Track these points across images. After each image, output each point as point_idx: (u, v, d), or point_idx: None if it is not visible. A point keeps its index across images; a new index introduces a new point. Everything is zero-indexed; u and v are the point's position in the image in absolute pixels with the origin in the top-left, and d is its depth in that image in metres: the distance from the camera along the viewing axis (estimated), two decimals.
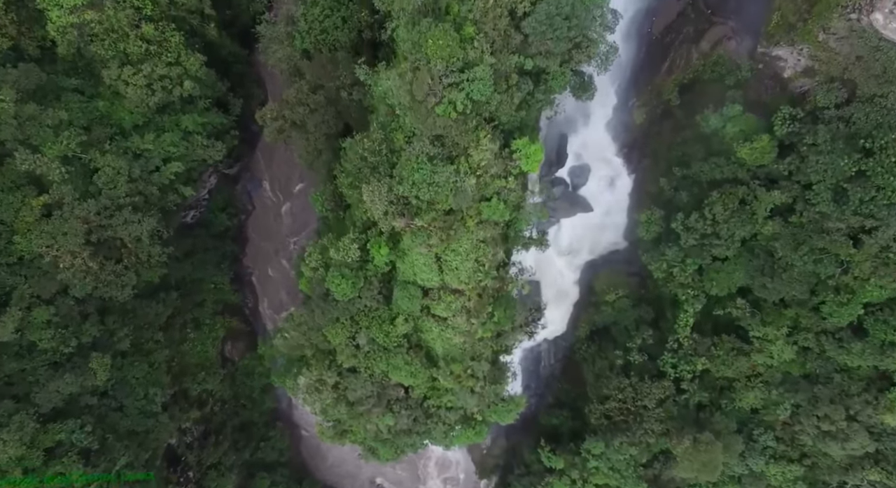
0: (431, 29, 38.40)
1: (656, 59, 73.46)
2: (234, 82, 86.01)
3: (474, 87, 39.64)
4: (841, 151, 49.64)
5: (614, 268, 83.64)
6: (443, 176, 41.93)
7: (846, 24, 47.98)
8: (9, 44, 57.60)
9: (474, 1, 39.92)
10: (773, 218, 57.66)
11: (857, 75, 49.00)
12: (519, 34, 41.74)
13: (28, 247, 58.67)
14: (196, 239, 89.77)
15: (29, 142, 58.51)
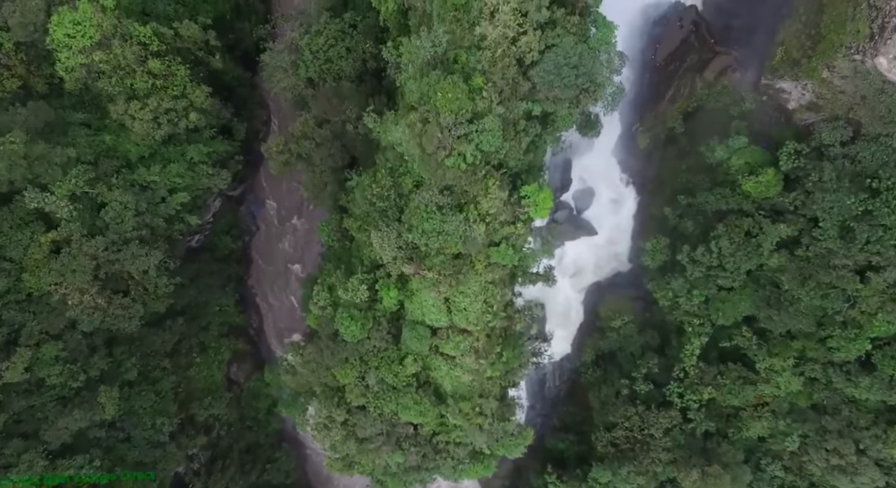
0: (440, 81, 38.61)
1: (660, 86, 73.67)
2: (237, 105, 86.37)
3: (484, 139, 39.85)
4: (847, 190, 49.81)
5: (619, 291, 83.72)
6: (452, 225, 42.12)
7: (850, 64, 48.17)
8: (18, 84, 57.92)
9: (482, 51, 40.14)
10: (779, 250, 57.77)
11: (862, 115, 49.18)
12: (527, 82, 41.95)
13: (37, 285, 58.88)
14: (201, 263, 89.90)
15: (37, 181, 58.71)
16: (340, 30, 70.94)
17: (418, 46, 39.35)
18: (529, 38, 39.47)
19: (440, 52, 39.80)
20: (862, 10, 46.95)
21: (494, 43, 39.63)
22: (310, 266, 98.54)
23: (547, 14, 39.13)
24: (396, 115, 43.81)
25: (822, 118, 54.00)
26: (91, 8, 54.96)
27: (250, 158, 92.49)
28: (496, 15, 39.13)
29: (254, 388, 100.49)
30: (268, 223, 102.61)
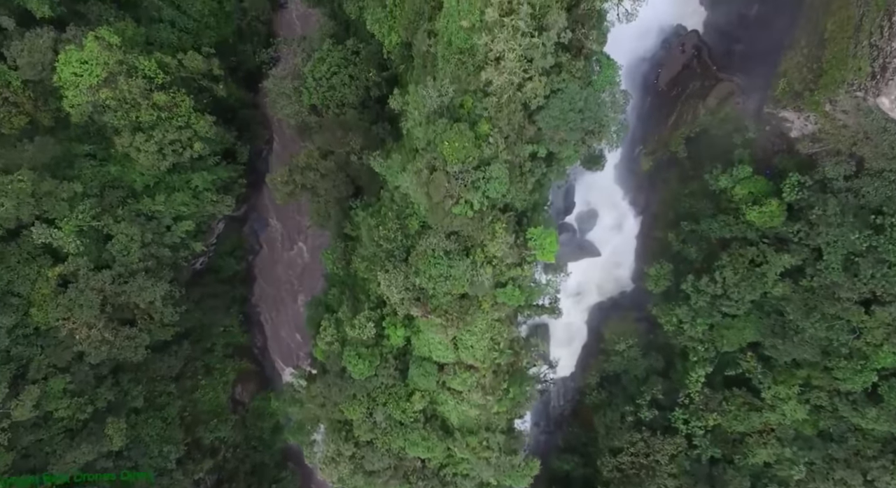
0: (447, 130, 38.86)
1: (663, 111, 73.93)
2: (240, 126, 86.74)
3: (491, 186, 40.09)
4: (851, 225, 49.98)
5: (622, 313, 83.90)
6: (459, 270, 42.37)
7: (853, 100, 48.35)
8: (26, 121, 58.15)
9: (488, 97, 40.39)
10: (784, 279, 57.91)
11: (866, 152, 49.37)
12: (533, 126, 42.20)
13: (44, 319, 59.12)
14: (205, 286, 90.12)
15: (45, 216, 58.97)
16: (343, 57, 71.34)
17: (424, 96, 39.64)
18: (535, 85, 39.74)
19: (447, 101, 40.05)
20: (863, 47, 47.18)
21: (500, 89, 39.90)
22: (314, 284, 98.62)
23: (552, 60, 39.40)
24: (402, 158, 43.91)
25: (825, 149, 54.18)
26: (98, 46, 55.26)
27: (253, 178, 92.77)
28: (502, 61, 39.40)
29: (259, 408, 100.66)
30: (271, 241, 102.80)
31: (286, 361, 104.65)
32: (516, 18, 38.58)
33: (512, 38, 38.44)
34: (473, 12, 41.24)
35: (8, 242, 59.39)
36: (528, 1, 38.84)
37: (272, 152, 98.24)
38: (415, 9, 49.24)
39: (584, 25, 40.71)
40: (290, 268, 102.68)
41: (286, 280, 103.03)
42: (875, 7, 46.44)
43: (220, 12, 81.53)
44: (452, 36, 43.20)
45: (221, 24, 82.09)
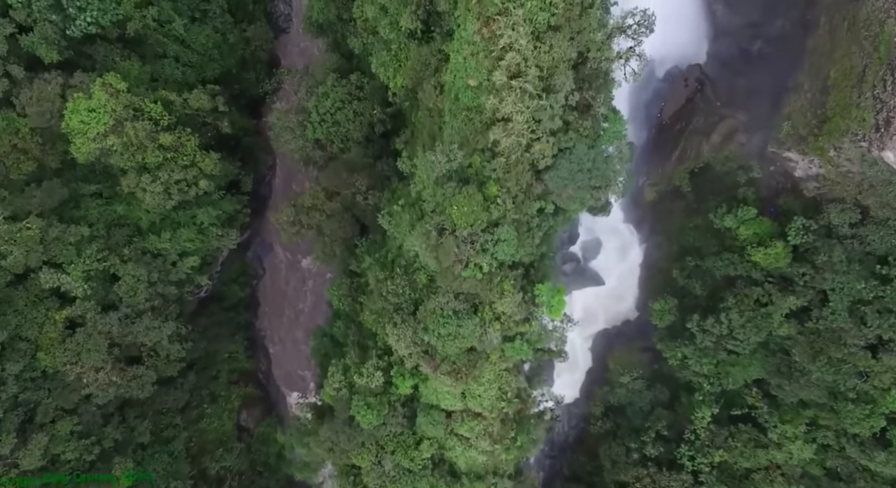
0: (456, 194, 39.08)
1: (666, 145, 74.13)
2: (243, 154, 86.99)
3: (499, 248, 40.33)
4: (857, 273, 50.20)
5: (627, 342, 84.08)
6: (468, 328, 42.60)
7: (857, 150, 48.61)
8: (33, 166, 58.35)
9: (496, 158, 40.62)
10: (789, 319, 58.10)
11: (871, 202, 49.59)
12: (540, 184, 42.44)
13: (52, 363, 59.33)
14: (210, 315, 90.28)
15: (52, 261, 59.18)
16: (347, 92, 71.37)
17: (433, 161, 39.87)
18: (543, 146, 39.97)
19: (455, 166, 40.28)
20: (867, 98, 47.43)
21: (508, 149, 40.14)
22: (317, 307, 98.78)
23: (560, 122, 39.63)
24: (409, 217, 44.02)
25: (829, 191, 54.39)
26: (105, 94, 55.51)
27: (256, 204, 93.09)
28: (510, 123, 39.64)
29: (264, 434, 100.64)
30: (274, 265, 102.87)
31: (290, 385, 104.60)
32: (524, 81, 38.81)
33: (520, 101, 38.67)
34: (480, 72, 41.51)
35: (15, 286, 59.60)
36: (536, 63, 39.05)
37: (275, 177, 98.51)
38: (421, 60, 49.50)
39: (591, 85, 40.95)
40: (294, 292, 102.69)
41: (290, 304, 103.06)
42: (877, 60, 46.71)
43: (224, 44, 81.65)
44: (459, 92, 43.45)
45: (225, 56, 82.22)
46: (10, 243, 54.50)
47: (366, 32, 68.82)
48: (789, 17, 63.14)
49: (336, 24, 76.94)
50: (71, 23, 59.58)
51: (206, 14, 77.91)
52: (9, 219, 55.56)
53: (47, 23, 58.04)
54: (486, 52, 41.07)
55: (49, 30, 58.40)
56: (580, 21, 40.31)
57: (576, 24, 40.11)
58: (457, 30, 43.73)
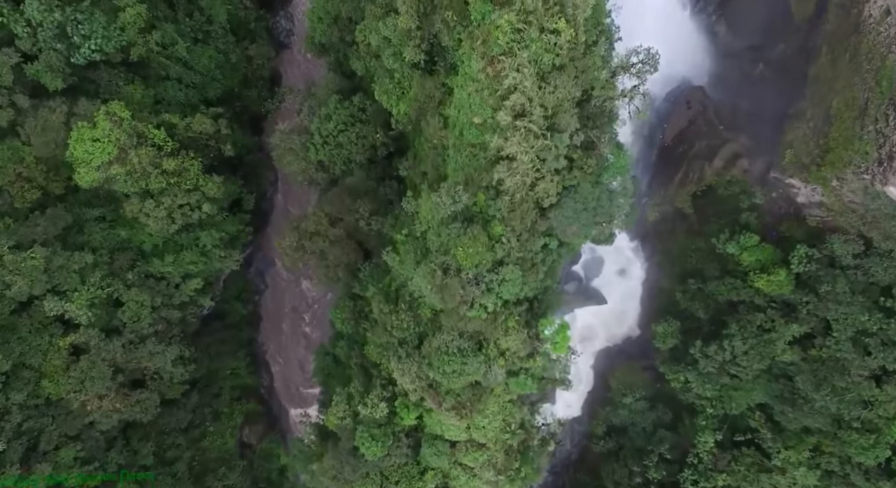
0: (461, 236, 39.21)
1: (669, 167, 74.27)
2: (245, 172, 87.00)
3: (504, 289, 40.47)
4: (861, 305, 50.31)
5: (629, 361, 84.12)
6: (473, 366, 42.74)
7: (860, 182, 48.77)
8: (38, 194, 58.47)
9: (501, 198, 40.75)
10: (793, 346, 58.19)
11: (874, 234, 49.70)
12: (545, 220, 42.57)
13: (56, 391, 59.36)
14: (213, 334, 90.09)
15: (56, 289, 59.27)
16: (350, 114, 71.41)
17: (438, 203, 39.99)
18: (547, 185, 40.12)
19: (460, 208, 40.40)
20: (869, 132, 47.58)
21: (513, 188, 40.28)
22: (320, 323, 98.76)
23: (565, 162, 39.77)
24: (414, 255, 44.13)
25: (832, 220, 54.49)
26: (109, 124, 55.63)
27: (258, 219, 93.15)
28: (514, 162, 39.79)
29: (266, 450, 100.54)
30: (276, 280, 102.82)
31: (293, 401, 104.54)
32: (529, 121, 38.95)
33: (525, 141, 38.81)
34: (485, 109, 41.65)
35: (19, 313, 59.64)
36: (541, 103, 39.20)
37: (277, 192, 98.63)
38: (425, 92, 49.61)
39: (595, 123, 41.10)
40: (296, 307, 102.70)
41: (292, 318, 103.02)
42: (879, 94, 46.87)
43: (226, 64, 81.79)
44: (464, 129, 43.61)
45: (227, 76, 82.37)
46: (14, 273, 54.59)
47: (368, 56, 68.88)
48: (790, 42, 63.38)
49: (338, 45, 77.00)
50: (75, 50, 59.75)
51: (208, 35, 78.12)
52: (13, 248, 55.64)
53: (52, 51, 58.18)
54: (491, 90, 41.24)
55: (54, 58, 58.56)
56: (584, 60, 40.47)
57: (580, 62, 40.26)
58: (461, 65, 43.90)
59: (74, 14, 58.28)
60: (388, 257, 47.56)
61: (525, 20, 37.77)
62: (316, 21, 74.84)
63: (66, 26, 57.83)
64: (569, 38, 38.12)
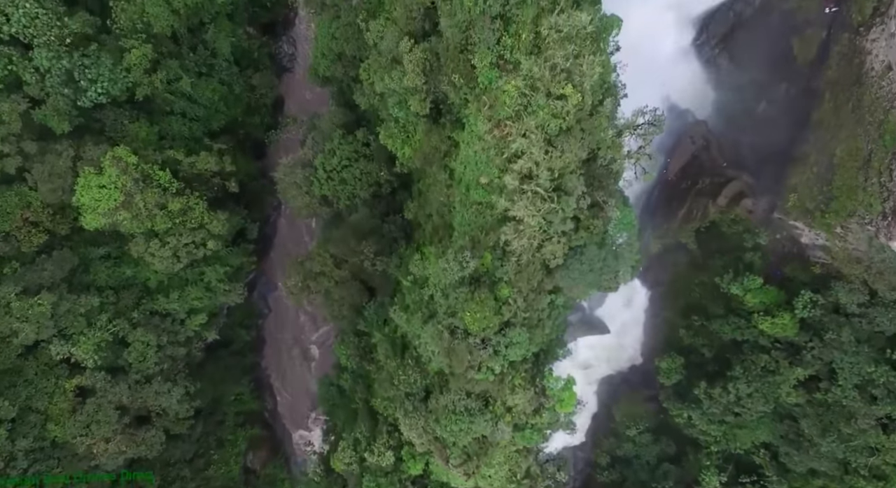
0: (468, 300, 39.46)
1: (672, 201, 74.43)
2: (249, 200, 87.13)
3: (511, 352, 40.72)
4: (866, 355, 50.44)
5: (632, 391, 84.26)
6: (479, 424, 42.97)
7: (864, 233, 48.96)
8: (44, 238, 58.75)
9: (507, 259, 40.98)
10: (798, 388, 58.31)
11: (879, 286, 49.86)
12: (551, 280, 42.80)
13: (62, 434, 59.56)
14: (217, 361, 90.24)
15: (63, 333, 59.50)
16: (354, 150, 71.56)
17: (445, 269, 40.24)
18: (554, 247, 40.34)
19: (467, 274, 40.65)
20: (873, 183, 47.80)
21: (520, 250, 40.50)
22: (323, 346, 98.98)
23: (572, 225, 40.01)
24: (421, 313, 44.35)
25: (836, 267, 54.67)
26: (115, 171, 55.90)
27: (262, 244, 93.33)
28: (521, 225, 40.00)
29: (270, 475, 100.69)
30: (279, 304, 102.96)
31: (296, 422, 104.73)
32: (536, 184, 39.17)
33: (532, 205, 39.03)
34: (491, 170, 41.89)
35: (25, 356, 59.89)
36: (548, 166, 39.42)
37: (280, 217, 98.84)
38: (431, 144, 49.85)
39: (601, 183, 41.31)
40: (299, 329, 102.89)
41: (295, 341, 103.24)
42: (883, 146, 47.13)
43: (230, 95, 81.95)
44: (470, 187, 43.83)
45: (231, 106, 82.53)
46: (21, 320, 54.86)
47: (373, 94, 69.16)
48: (794, 82, 63.55)
49: (342, 78, 77.18)
50: (82, 94, 60.07)
51: (212, 68, 78.27)
52: (20, 294, 55.89)
53: (59, 96, 58.49)
54: (497, 150, 41.47)
55: (61, 102, 58.86)
56: (591, 120, 40.69)
57: (587, 123, 40.48)
58: (467, 123, 44.13)
59: (81, 59, 58.66)
60: (396, 315, 47.76)
61: (532, 86, 38.03)
62: (319, 56, 75.09)
63: (73, 71, 58.18)
64: (575, 103, 38.37)
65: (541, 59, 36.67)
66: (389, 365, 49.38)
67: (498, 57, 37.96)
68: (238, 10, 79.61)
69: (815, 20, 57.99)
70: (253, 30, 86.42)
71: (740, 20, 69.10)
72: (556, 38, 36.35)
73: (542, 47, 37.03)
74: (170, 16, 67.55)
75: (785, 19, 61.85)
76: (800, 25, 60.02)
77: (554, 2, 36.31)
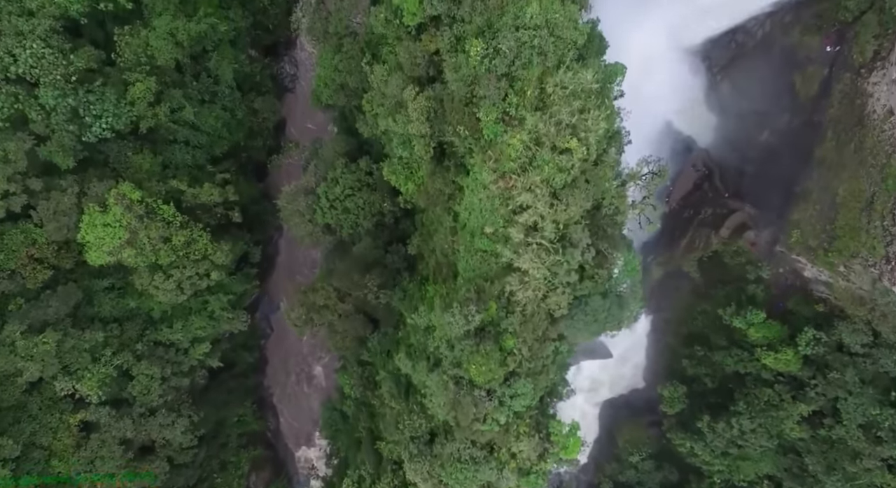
0: (474, 353, 39.63)
1: (674, 230, 74.58)
2: (251, 222, 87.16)
3: (516, 403, 40.88)
4: (871, 397, 50.51)
5: (635, 415, 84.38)
6: (484, 473, 43.12)
7: (868, 275, 49.10)
8: (49, 274, 58.91)
9: (512, 310, 41.15)
10: (802, 423, 58.39)
11: (883, 329, 49.97)
12: (556, 328, 42.98)
13: (66, 470, 59.62)
14: (220, 384, 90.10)
15: (68, 369, 59.62)
16: (357, 179, 71.71)
17: (451, 322, 40.40)
18: (558, 298, 40.51)
19: (472, 328, 40.82)
20: (876, 226, 47.93)
21: (525, 301, 40.67)
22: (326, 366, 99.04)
23: (576, 276, 40.18)
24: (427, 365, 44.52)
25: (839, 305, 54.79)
26: (120, 209, 56.06)
27: (264, 265, 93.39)
28: (526, 277, 40.17)
29: None
30: (282, 323, 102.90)
31: (298, 442, 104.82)
32: (541, 237, 39.33)
33: (537, 258, 39.19)
34: (496, 220, 42.04)
35: (30, 392, 59.98)
36: (553, 219, 39.58)
37: (282, 236, 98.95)
38: (436, 186, 49.99)
39: (606, 233, 41.48)
40: (302, 349, 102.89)
41: (298, 360, 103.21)
42: (885, 190, 47.26)
43: (233, 121, 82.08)
44: (475, 234, 43.98)
45: (234, 132, 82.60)
46: (26, 359, 55.01)
47: (375, 125, 69.31)
48: (796, 115, 63.66)
49: (345, 105, 77.34)
50: (87, 129, 60.24)
51: (215, 95, 78.36)
52: (25, 332, 56.01)
53: (64, 132, 58.65)
54: (502, 200, 41.63)
55: (66, 139, 59.01)
56: (595, 170, 40.88)
57: (591, 173, 40.68)
58: (472, 171, 44.29)
59: (86, 96, 58.85)
60: (401, 363, 47.89)
61: (537, 141, 38.21)
62: (322, 86, 75.28)
63: (78, 108, 58.38)
64: (581, 156, 38.55)
65: (546, 115, 36.84)
66: (394, 405, 49.52)
67: (503, 112, 38.14)
68: (240, 35, 79.76)
69: (817, 57, 58.16)
70: (255, 51, 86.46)
71: (742, 51, 69.30)
72: (561, 95, 36.53)
73: (548, 103, 37.22)
74: (173, 48, 67.75)
75: (786, 54, 61.99)
76: (801, 61, 60.18)
77: (560, 60, 36.46)
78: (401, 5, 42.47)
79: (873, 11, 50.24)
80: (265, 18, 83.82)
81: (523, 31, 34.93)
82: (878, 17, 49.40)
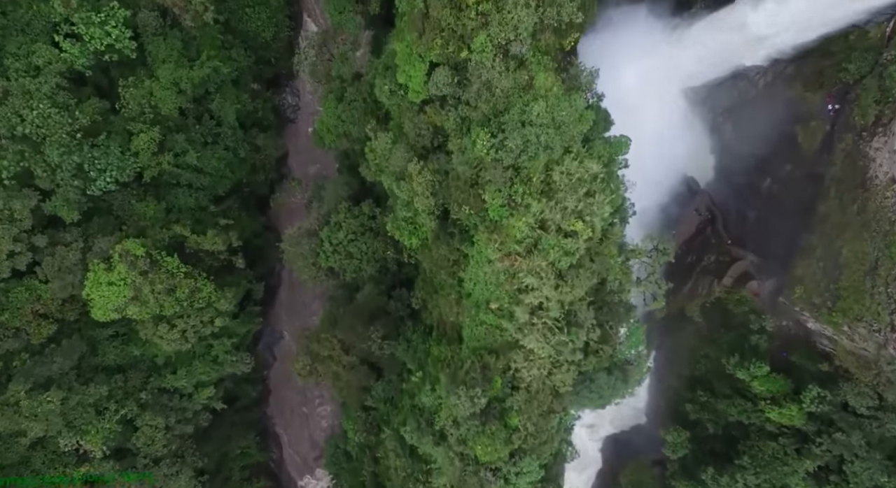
0: (479, 434, 39.74)
1: (676, 275, 74.35)
2: (253, 257, 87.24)
3: (521, 481, 40.97)
4: (879, 463, 50.44)
5: (637, 453, 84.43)
6: None
7: (873, 340, 49.14)
8: (54, 328, 59.06)
9: (518, 389, 41.29)
10: (807, 478, 58.38)
11: (889, 395, 49.98)
12: (560, 403, 43.10)
13: None
14: (224, 419, 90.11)
15: (71, 424, 59.70)
16: (360, 223, 71.87)
17: (457, 404, 40.46)
18: (563, 376, 40.62)
19: (478, 410, 40.92)
20: (880, 292, 47.94)
21: (530, 379, 40.79)
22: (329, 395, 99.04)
23: (581, 356, 40.30)
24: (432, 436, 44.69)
25: (843, 364, 54.85)
26: (124, 267, 56.19)
27: (266, 296, 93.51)
28: (531, 355, 40.31)
29: None
30: (285, 353, 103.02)
31: (301, 471, 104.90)
32: (546, 317, 39.44)
33: (542, 337, 39.30)
34: (501, 297, 42.15)
35: (34, 447, 60.06)
36: (558, 299, 39.69)
37: (284, 267, 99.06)
38: (441, 253, 50.05)
39: (611, 310, 41.59)
40: None
41: (301, 390, 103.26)
42: (889, 257, 47.27)
43: (236, 160, 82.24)
44: (480, 306, 44.08)
45: (236, 171, 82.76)
46: (30, 419, 55.10)
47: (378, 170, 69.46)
48: (799, 165, 63.62)
49: (349, 147, 77.50)
50: (92, 183, 60.43)
51: (218, 136, 78.49)
52: (30, 391, 56.10)
53: (70, 187, 58.83)
54: (508, 275, 41.74)
55: (71, 193, 59.17)
56: (600, 247, 41.02)
57: (596, 250, 40.82)
58: (477, 243, 44.40)
59: (91, 151, 59.04)
60: (408, 436, 47.96)
61: (542, 226, 38.34)
62: (324, 131, 75.52)
63: (83, 164, 58.57)
64: (586, 238, 38.68)
65: (552, 202, 36.98)
66: (398, 464, 49.64)
67: (509, 197, 38.27)
68: (242, 74, 79.84)
69: (819, 114, 58.19)
70: (257, 85, 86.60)
71: (744, 99, 69.35)
72: (567, 183, 36.66)
73: (554, 189, 37.36)
74: (177, 97, 67.96)
75: (789, 107, 62.01)
76: (804, 115, 60.21)
77: (566, 149, 36.62)
78: (406, 83, 42.65)
79: (873, 76, 50.31)
80: (267, 53, 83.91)
81: (529, 129, 35.05)
82: (879, 83, 49.47)
